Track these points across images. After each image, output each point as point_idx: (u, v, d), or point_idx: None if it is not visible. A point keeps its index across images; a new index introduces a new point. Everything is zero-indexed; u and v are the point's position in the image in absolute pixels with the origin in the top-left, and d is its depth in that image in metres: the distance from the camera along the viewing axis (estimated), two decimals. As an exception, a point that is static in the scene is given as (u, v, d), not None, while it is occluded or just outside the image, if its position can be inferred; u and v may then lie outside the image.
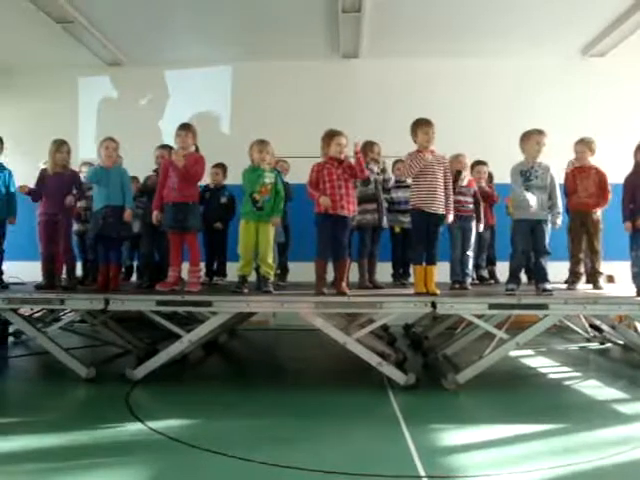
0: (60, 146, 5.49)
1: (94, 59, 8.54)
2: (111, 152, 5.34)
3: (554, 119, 6.83)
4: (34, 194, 5.53)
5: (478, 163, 6.45)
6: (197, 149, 5.32)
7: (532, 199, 4.93)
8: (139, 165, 6.36)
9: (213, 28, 7.78)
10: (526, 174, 5.04)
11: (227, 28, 7.79)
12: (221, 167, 6.75)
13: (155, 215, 5.25)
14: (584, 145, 5.92)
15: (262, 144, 5.15)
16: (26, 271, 6.63)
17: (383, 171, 6.14)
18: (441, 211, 5.07)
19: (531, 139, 5.06)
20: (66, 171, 5.52)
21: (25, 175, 6.06)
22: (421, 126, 5.06)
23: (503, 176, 6.89)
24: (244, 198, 5.14)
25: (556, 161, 5.21)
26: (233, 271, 5.58)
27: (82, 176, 5.88)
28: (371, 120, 7.81)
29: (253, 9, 7.18)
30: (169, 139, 5.71)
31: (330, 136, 5.09)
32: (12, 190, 5.58)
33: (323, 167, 5.06)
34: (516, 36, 7.80)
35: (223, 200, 6.60)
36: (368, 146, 5.92)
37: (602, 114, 8.10)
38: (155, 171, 5.87)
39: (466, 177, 5.87)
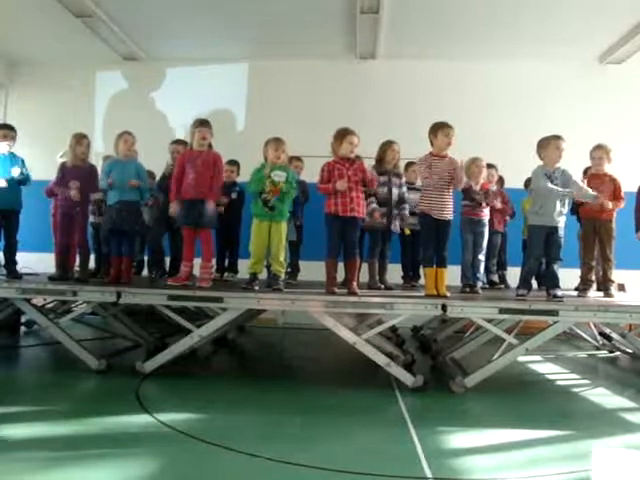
0: (81, 139, 5.54)
1: (111, 53, 8.57)
2: (130, 146, 5.40)
3: (570, 125, 6.78)
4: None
5: (488, 166, 6.41)
6: (210, 145, 5.34)
7: (559, 189, 4.84)
8: (154, 160, 6.40)
9: (230, 25, 7.79)
10: (550, 178, 4.92)
11: (244, 26, 7.81)
12: (236, 165, 6.80)
13: (172, 207, 5.24)
14: (602, 151, 5.80)
15: (278, 142, 5.12)
16: (39, 262, 6.71)
17: (395, 167, 5.95)
18: (449, 217, 5.04)
19: (550, 144, 4.97)
20: (85, 164, 5.58)
21: (41, 167, 6.14)
22: (443, 129, 5.02)
23: (516, 181, 6.94)
24: (254, 199, 5.12)
25: (571, 167, 5.16)
26: (244, 268, 5.60)
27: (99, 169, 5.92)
28: (386, 121, 7.80)
29: (271, 7, 7.20)
30: (183, 134, 5.73)
31: (342, 135, 5.04)
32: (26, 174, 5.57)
33: (334, 167, 5.02)
34: (532, 41, 7.76)
35: (233, 195, 6.65)
36: (387, 145, 5.85)
37: (618, 121, 8.04)
38: (171, 166, 5.90)
39: (480, 182, 5.86)
